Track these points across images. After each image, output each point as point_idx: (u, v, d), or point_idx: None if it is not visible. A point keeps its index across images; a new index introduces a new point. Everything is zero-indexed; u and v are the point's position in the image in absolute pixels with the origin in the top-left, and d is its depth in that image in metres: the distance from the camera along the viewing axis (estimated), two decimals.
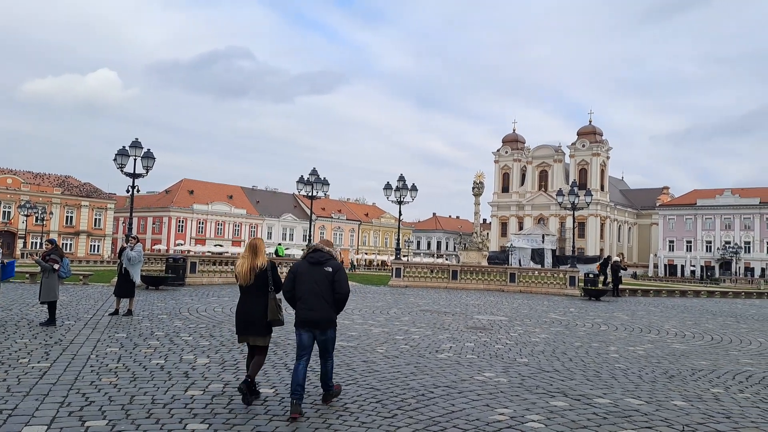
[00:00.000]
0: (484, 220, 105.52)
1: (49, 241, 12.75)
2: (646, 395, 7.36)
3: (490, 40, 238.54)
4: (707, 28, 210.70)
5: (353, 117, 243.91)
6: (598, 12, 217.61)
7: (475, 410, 6.30)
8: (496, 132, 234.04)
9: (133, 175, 23.82)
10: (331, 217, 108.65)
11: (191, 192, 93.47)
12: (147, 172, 24.07)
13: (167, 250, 75.51)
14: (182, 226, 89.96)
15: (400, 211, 33.19)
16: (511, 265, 54.58)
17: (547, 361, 9.54)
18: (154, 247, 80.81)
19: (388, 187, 32.65)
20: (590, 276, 28.74)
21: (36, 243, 71.21)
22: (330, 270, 6.19)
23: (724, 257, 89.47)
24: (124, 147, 23.66)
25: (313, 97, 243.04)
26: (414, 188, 32.59)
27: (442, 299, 22.27)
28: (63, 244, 70.00)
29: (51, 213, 73.99)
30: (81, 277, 23.46)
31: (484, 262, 39.86)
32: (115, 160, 23.46)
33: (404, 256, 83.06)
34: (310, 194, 30.76)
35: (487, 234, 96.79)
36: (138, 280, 13.93)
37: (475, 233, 41.41)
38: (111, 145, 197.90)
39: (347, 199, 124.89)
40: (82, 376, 7.17)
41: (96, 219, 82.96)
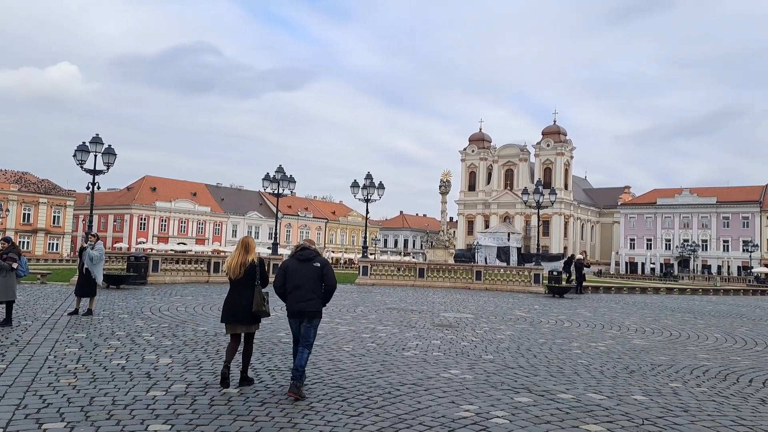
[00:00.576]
0: (451, 219, 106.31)
1: (5, 239, 12.34)
2: (607, 390, 7.51)
3: (457, 40, 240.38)
4: (669, 31, 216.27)
5: (321, 114, 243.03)
6: (563, 13, 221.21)
7: (440, 407, 6.33)
8: (463, 131, 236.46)
9: (94, 172, 23.27)
10: (298, 215, 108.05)
11: (154, 189, 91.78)
12: (108, 169, 23.55)
13: (129, 249, 73.95)
14: (144, 224, 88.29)
15: (367, 209, 33.16)
16: (477, 263, 55.05)
17: (512, 358, 9.65)
18: (115, 246, 78.96)
19: (356, 185, 32.58)
20: (554, 273, 29.22)
21: None
22: (318, 266, 6.79)
23: (682, 255, 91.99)
24: (84, 143, 23.10)
25: (281, 93, 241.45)
26: (381, 186, 32.60)
27: (409, 297, 22.35)
28: (20, 242, 67.97)
29: (7, 210, 71.80)
30: (39, 276, 22.85)
31: (451, 260, 40.11)
32: (75, 156, 22.89)
33: (371, 255, 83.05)
34: (276, 192, 30.50)
35: (454, 232, 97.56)
36: (101, 280, 13.62)
37: (442, 231, 41.65)
38: (71, 141, 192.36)
39: (314, 197, 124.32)
40: (40, 378, 6.96)
41: (55, 216, 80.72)
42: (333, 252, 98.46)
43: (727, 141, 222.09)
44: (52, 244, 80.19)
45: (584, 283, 30.36)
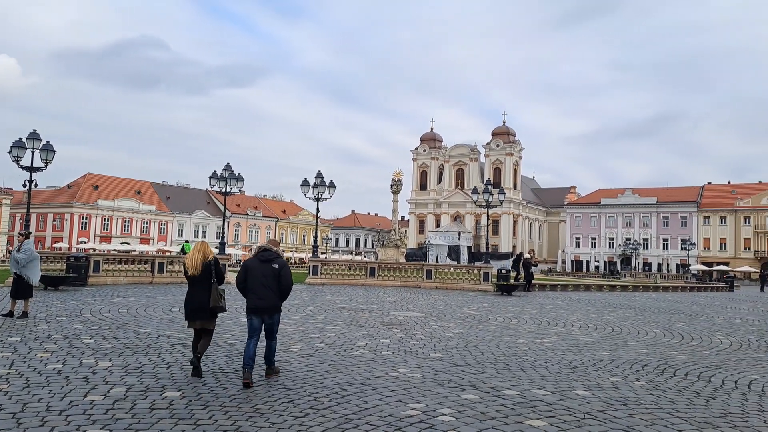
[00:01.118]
0: (403, 218, 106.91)
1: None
2: (551, 385, 7.67)
3: (409, 40, 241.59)
4: (613, 36, 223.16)
5: (271, 112, 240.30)
6: (513, 16, 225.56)
7: (388, 406, 6.32)
8: (414, 130, 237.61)
9: (31, 169, 22.31)
10: (247, 214, 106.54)
11: (96, 187, 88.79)
12: (46, 166, 22.62)
13: (69, 249, 71.30)
14: (86, 223, 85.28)
15: (318, 208, 32.93)
16: (428, 262, 55.52)
17: (460, 356, 9.74)
18: (54, 246, 76.12)
19: (306, 183, 32.30)
20: (503, 272, 29.74)
21: None
22: (277, 267, 7.46)
23: (624, 253, 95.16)
24: (21, 138, 22.10)
25: (230, 90, 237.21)
26: (332, 185, 32.42)
27: (360, 296, 22.32)
28: None
29: None
30: None
31: (402, 259, 40.29)
32: (11, 153, 21.87)
33: (322, 254, 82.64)
34: (224, 190, 29.92)
35: (406, 231, 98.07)
36: (37, 281, 12.94)
37: (394, 230, 41.77)
38: (7, 137, 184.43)
39: (264, 196, 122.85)
40: None
41: None
42: (284, 251, 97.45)
43: (668, 143, 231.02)
44: None
45: (532, 281, 30.99)
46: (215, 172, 29.81)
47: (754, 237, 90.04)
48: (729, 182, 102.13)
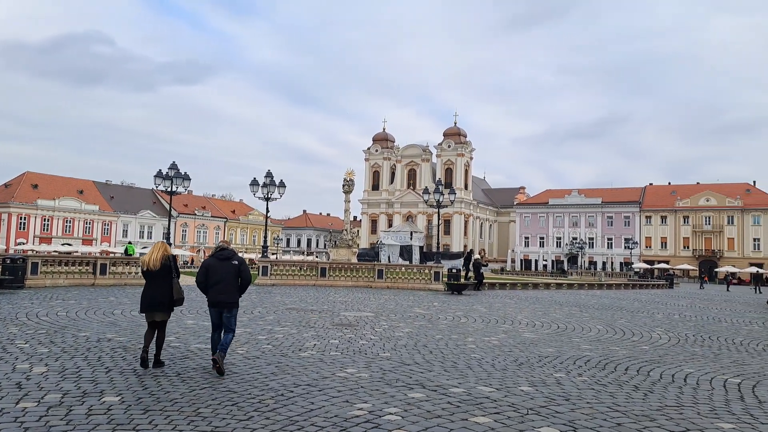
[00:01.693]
0: (355, 218, 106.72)
1: None
2: (497, 383, 7.77)
3: (362, 40, 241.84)
4: (562, 40, 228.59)
5: (221, 110, 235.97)
6: (466, 19, 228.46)
7: (334, 407, 6.28)
8: (367, 131, 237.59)
9: None
10: (195, 214, 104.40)
11: (35, 186, 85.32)
12: None
13: (6, 250, 68.29)
14: (24, 224, 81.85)
15: (268, 208, 32.53)
16: (380, 261, 55.63)
17: (409, 355, 9.77)
18: None
19: (255, 183, 31.86)
20: (454, 271, 30.05)
21: None
22: (236, 263, 8.14)
23: (571, 252, 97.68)
24: None
25: (178, 87, 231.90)
26: (282, 185, 32.07)
27: (310, 297, 22.15)
28: None
29: None
30: None
31: (354, 259, 40.27)
32: None
33: (273, 254, 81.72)
34: (170, 190, 29.19)
35: (358, 231, 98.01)
36: None
37: (346, 230, 41.67)
38: None
39: (213, 195, 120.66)
40: None
41: None
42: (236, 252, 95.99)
43: (612, 145, 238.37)
44: None
45: (483, 281, 31.41)
46: (160, 171, 29.04)
47: (692, 236, 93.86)
48: (669, 183, 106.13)
